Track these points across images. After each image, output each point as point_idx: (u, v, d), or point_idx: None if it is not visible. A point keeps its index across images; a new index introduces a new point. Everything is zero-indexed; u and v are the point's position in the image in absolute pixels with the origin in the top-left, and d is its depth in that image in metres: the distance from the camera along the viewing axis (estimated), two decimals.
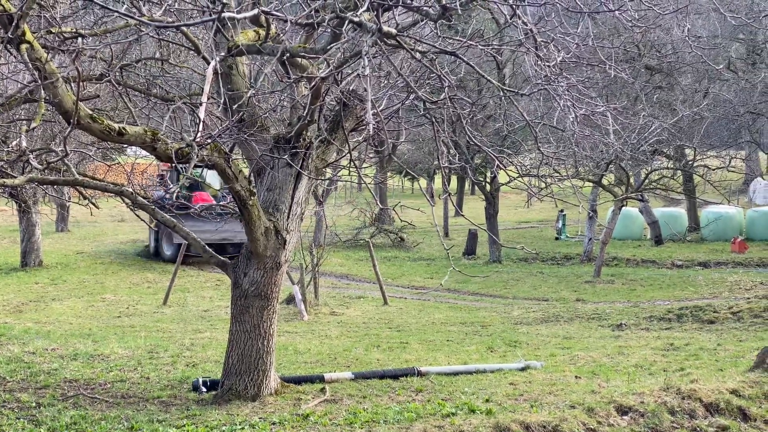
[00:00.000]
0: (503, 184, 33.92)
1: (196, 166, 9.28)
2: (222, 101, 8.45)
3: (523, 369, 12.37)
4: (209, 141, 8.67)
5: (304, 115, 9.44)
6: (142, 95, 12.57)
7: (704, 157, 32.64)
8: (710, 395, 10.42)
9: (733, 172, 35.72)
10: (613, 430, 9.44)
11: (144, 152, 10.47)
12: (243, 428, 8.93)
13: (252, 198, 9.83)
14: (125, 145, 12.73)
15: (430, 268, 30.88)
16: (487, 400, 10.25)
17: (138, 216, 11.23)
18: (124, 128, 8.36)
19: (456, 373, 12.00)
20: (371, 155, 39.17)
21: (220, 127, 9.79)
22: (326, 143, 10.55)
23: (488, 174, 36.42)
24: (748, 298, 18.71)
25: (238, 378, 10.21)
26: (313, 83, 8.91)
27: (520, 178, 24.39)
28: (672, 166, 32.17)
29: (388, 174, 48.74)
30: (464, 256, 33.70)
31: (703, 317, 17.51)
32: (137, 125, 8.93)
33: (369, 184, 15.71)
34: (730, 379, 11.12)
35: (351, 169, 12.66)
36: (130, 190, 9.85)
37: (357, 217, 38.77)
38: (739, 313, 17.35)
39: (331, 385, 10.99)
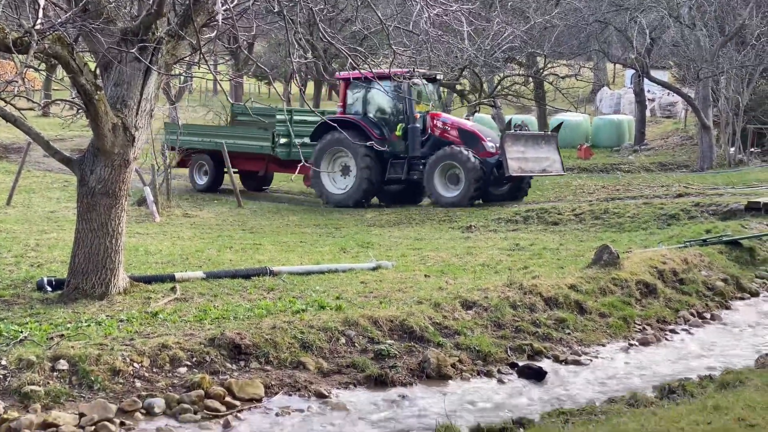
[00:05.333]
0: None
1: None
2: None
3: (374, 269, 12.58)
4: (51, 30, 8.30)
5: (151, 5, 9.13)
6: None
7: (554, 65, 33.40)
8: (550, 290, 10.89)
9: (581, 81, 36.75)
10: (457, 324, 9.77)
11: None
12: (89, 326, 8.79)
13: (98, 93, 9.51)
14: None
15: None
16: (337, 298, 10.41)
17: None
18: None
19: (308, 273, 12.10)
20: (226, 57, 38.39)
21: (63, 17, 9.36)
22: (176, 38, 10.25)
23: None
24: (590, 201, 19.47)
25: (84, 277, 10.00)
26: None
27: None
28: (524, 73, 32.79)
29: (244, 78, 47.93)
30: None
31: (547, 219, 18.16)
32: None
33: (222, 80, 15.41)
34: (570, 276, 11.64)
35: (204, 67, 12.39)
36: None
37: (212, 121, 38.06)
38: (581, 215, 18.07)
39: (182, 285, 10.91)
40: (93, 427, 7.07)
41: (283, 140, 24.15)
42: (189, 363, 8.18)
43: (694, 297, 12.19)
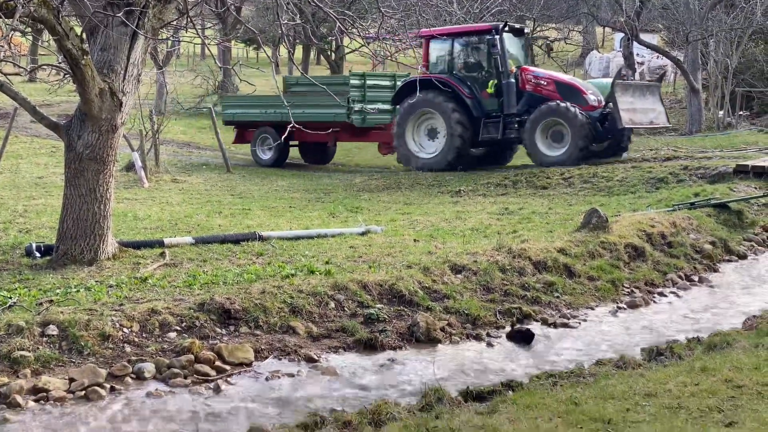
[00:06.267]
0: (349, 52, 33.76)
1: None
2: None
3: (363, 233, 12.58)
4: None
5: None
6: None
7: (544, 28, 33.24)
8: (539, 254, 10.91)
9: (570, 44, 36.61)
10: (447, 288, 9.79)
11: None
12: (78, 291, 8.78)
13: (85, 57, 9.44)
14: None
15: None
16: (327, 262, 10.42)
17: None
18: None
19: (297, 238, 12.10)
20: (214, 21, 38.13)
21: None
22: (163, 1, 10.17)
23: (333, 43, 36.14)
24: (579, 165, 19.44)
25: (73, 242, 9.99)
26: None
27: (364, 46, 24.24)
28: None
29: (233, 42, 47.60)
30: None
31: (536, 183, 18.15)
32: None
33: (210, 44, 15.14)
34: (558, 239, 11.66)
35: (192, 31, 12.28)
36: None
37: (200, 85, 37.90)
38: (570, 179, 18.06)
39: (171, 250, 10.90)
40: (83, 392, 7.09)
41: (357, 106, 22.96)
42: (179, 328, 8.19)
43: (683, 260, 12.23)
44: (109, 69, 9.99)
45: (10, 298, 8.46)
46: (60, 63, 10.82)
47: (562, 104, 19.53)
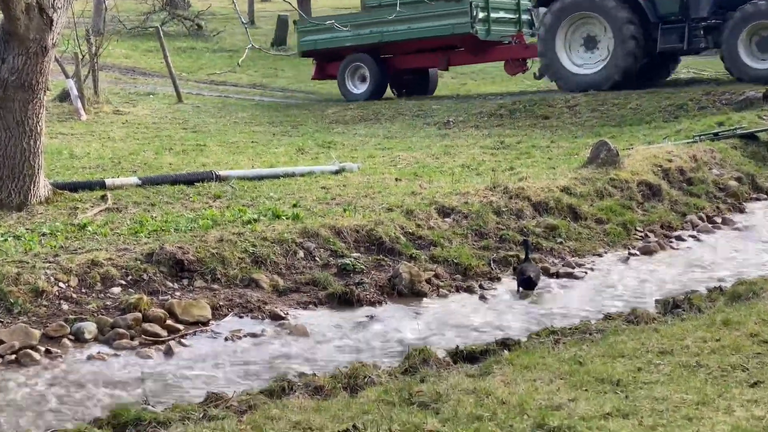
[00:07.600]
0: None
1: None
2: None
3: (337, 172, 12.61)
4: None
5: None
6: None
7: None
8: (539, 194, 10.95)
9: None
10: (433, 233, 9.82)
11: None
12: (6, 240, 8.77)
13: None
14: None
15: (232, 60, 30.37)
16: (294, 205, 10.43)
17: None
18: None
19: (261, 178, 12.11)
20: None
21: None
22: None
23: None
24: (587, 92, 19.40)
25: None
26: None
27: None
28: None
29: None
30: (273, 47, 33.29)
31: (537, 112, 18.12)
32: None
33: None
34: (562, 177, 11.69)
35: None
36: None
37: (144, 1, 37.49)
38: (576, 107, 18.03)
39: (114, 192, 10.89)
40: (14, 356, 7.10)
41: (481, 14, 21.09)
42: (123, 282, 8.20)
43: (704, 199, 12.30)
44: None
45: None
46: None
47: None
